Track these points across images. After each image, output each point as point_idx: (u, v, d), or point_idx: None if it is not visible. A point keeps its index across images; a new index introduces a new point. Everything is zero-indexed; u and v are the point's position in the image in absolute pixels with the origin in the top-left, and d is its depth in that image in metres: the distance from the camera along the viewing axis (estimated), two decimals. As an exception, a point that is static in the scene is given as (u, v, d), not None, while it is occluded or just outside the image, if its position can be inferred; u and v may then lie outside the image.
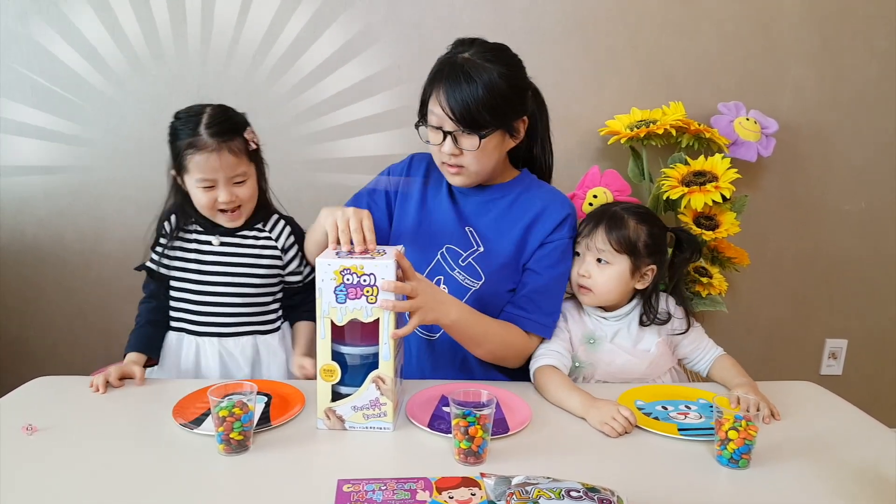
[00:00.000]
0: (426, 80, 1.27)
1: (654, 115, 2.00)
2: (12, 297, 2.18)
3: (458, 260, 1.34)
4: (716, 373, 1.36)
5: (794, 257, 2.32)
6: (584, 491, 0.78)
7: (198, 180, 1.31)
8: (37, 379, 1.28)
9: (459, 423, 0.97)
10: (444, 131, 1.23)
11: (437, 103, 1.22)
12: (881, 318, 2.39)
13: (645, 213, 1.36)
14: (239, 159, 1.32)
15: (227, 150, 1.29)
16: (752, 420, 0.99)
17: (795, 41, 2.13)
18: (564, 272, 1.35)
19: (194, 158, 1.29)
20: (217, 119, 1.31)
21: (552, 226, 1.33)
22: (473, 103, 1.18)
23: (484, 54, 1.23)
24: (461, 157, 1.25)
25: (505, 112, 1.24)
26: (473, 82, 1.19)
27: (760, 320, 2.37)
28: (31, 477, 0.93)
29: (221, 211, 1.36)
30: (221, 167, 1.29)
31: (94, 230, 2.15)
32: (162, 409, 1.13)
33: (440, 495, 0.81)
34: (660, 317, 1.34)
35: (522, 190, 1.37)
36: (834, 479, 0.96)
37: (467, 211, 1.37)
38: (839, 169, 2.25)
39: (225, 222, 1.38)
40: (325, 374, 1.08)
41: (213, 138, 1.28)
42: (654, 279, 1.35)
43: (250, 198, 1.37)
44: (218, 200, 1.32)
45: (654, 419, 1.14)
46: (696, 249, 1.42)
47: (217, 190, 1.32)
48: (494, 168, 1.33)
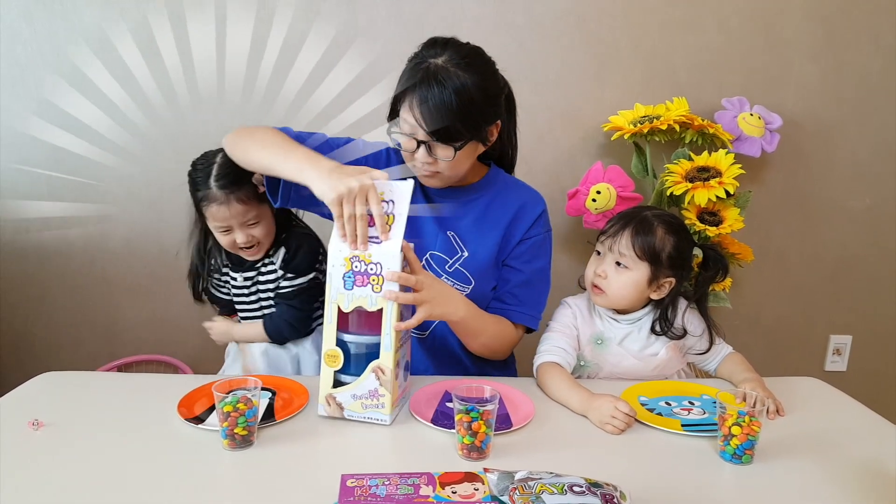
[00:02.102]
0: (398, 81, 1.22)
1: (658, 111, 1.99)
2: (17, 295, 2.19)
3: (445, 266, 1.34)
4: (723, 369, 1.35)
5: (798, 253, 2.31)
6: (586, 486, 0.78)
7: (215, 227, 1.44)
8: (42, 374, 1.29)
9: (463, 418, 0.97)
10: (418, 140, 1.20)
11: (411, 112, 1.17)
12: (886, 314, 2.38)
13: (676, 225, 1.32)
14: (248, 206, 1.41)
15: (235, 200, 1.39)
16: (756, 416, 0.99)
17: (799, 36, 2.12)
18: (544, 266, 1.37)
19: (209, 209, 1.41)
20: (225, 170, 1.39)
21: (529, 223, 1.34)
22: (448, 116, 1.14)
23: (458, 62, 1.16)
24: (435, 164, 1.23)
25: (479, 122, 1.21)
26: (448, 94, 1.14)
27: (764, 316, 2.37)
28: (38, 472, 0.94)
29: (241, 249, 1.47)
30: (232, 216, 1.40)
31: (98, 228, 2.15)
32: (166, 405, 1.13)
33: (443, 490, 0.81)
34: (674, 331, 1.31)
35: (498, 189, 1.37)
36: (837, 475, 0.96)
37: (445, 215, 1.36)
38: (843, 164, 2.24)
39: (247, 256, 1.50)
40: (329, 359, 1.09)
41: (221, 191, 1.38)
42: (671, 292, 1.31)
43: (266, 235, 1.47)
44: (236, 242, 1.44)
45: (658, 415, 1.14)
46: (723, 269, 1.37)
47: (234, 233, 1.43)
48: (467, 170, 1.32)
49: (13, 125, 2.06)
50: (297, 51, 2.05)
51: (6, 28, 1.99)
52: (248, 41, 2.04)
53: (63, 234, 2.15)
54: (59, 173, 2.11)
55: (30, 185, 2.11)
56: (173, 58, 2.03)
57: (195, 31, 2.02)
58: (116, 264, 2.18)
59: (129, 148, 2.10)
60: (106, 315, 2.22)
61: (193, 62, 2.04)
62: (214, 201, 1.39)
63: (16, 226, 2.14)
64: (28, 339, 2.23)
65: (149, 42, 2.02)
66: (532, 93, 2.12)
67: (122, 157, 2.10)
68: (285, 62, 2.05)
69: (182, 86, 2.05)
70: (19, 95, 2.04)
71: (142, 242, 2.16)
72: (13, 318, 2.21)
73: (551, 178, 2.16)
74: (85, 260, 2.17)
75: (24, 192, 2.11)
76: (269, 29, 2.03)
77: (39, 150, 2.08)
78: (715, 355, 1.37)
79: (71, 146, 2.09)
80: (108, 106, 2.06)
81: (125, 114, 2.07)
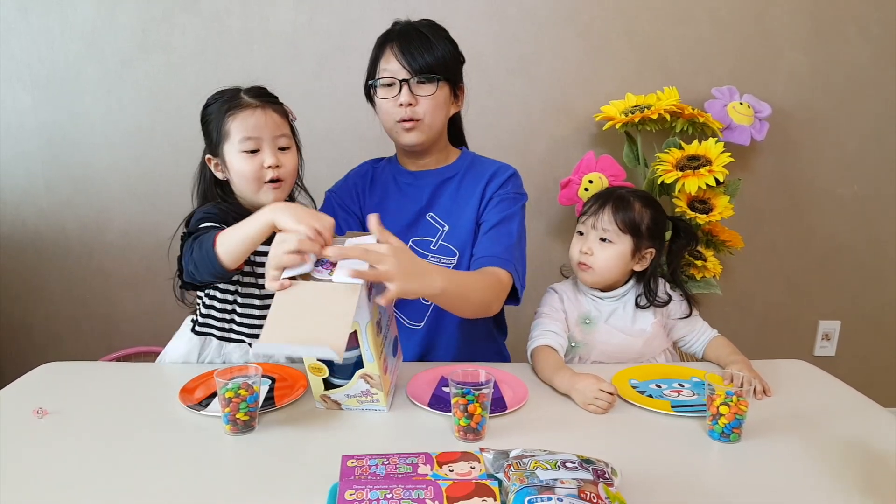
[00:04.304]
0: (373, 49, 1.36)
1: (649, 101, 2.02)
2: (15, 287, 2.20)
3: (430, 247, 1.40)
4: (710, 353, 1.39)
5: (787, 240, 2.35)
6: (579, 462, 0.81)
7: (241, 140, 1.22)
8: (44, 365, 1.31)
9: (459, 401, 1.00)
10: (400, 81, 1.30)
11: (391, 59, 1.30)
12: (874, 300, 2.43)
13: (649, 198, 1.40)
14: (283, 120, 1.26)
15: (270, 108, 1.24)
16: (743, 395, 1.02)
17: (789, 27, 2.15)
18: (513, 215, 1.37)
19: (236, 119, 1.22)
20: (255, 88, 1.28)
21: (499, 184, 1.40)
22: (428, 51, 1.29)
23: (429, 23, 1.36)
24: (416, 107, 1.31)
25: (453, 67, 1.35)
26: (425, 37, 1.31)
27: (754, 303, 2.40)
28: (43, 458, 0.96)
29: (266, 183, 1.24)
30: (266, 124, 1.23)
31: (95, 220, 2.17)
32: (168, 393, 1.16)
33: (441, 468, 0.84)
34: (659, 299, 1.38)
35: (470, 164, 1.45)
36: (823, 453, 0.99)
37: (424, 201, 1.42)
38: (832, 152, 2.27)
39: (268, 197, 1.25)
40: (314, 370, 1.08)
41: (256, 98, 1.24)
42: (653, 262, 1.38)
43: (292, 172, 1.28)
44: (263, 166, 1.22)
45: (649, 397, 1.17)
46: (693, 237, 1.48)
47: (262, 154, 1.23)
48: (441, 132, 1.40)
49: (10, 119, 2.07)
50: (292, 45, 2.06)
51: (2, 22, 2.00)
52: (242, 35, 2.05)
53: (61, 227, 2.17)
54: (56, 167, 2.12)
55: (27, 178, 2.12)
56: (169, 52, 2.05)
57: (190, 25, 2.03)
58: (114, 257, 2.20)
59: (126, 141, 2.11)
60: (104, 307, 2.24)
61: (189, 57, 2.05)
62: (247, 107, 1.22)
63: (13, 219, 2.15)
64: (27, 332, 2.24)
65: (144, 36, 2.03)
66: (525, 83, 2.15)
67: (119, 151, 2.11)
68: (280, 56, 2.07)
69: (178, 80, 2.06)
70: (16, 89, 2.05)
71: (139, 235, 2.18)
72: (12, 311, 2.23)
73: (544, 168, 2.19)
74: (83, 253, 2.19)
75: (21, 185, 2.12)
76: (263, 23, 2.04)
77: (37, 144, 2.09)
78: (699, 334, 1.41)
79: (68, 140, 2.10)
80: (105, 99, 2.07)
81: (122, 108, 2.08)
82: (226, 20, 2.03)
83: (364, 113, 1.46)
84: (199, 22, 2.03)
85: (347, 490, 0.78)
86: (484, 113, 2.14)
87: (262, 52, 2.06)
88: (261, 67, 2.05)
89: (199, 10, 2.02)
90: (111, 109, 2.07)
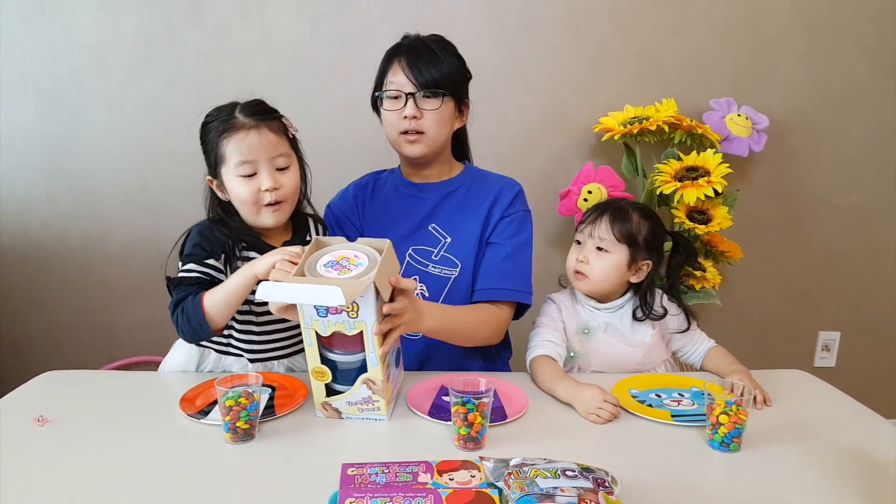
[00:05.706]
0: (381, 61, 1.38)
1: (647, 112, 2.03)
2: (16, 297, 2.21)
3: (431, 256, 1.41)
4: (709, 363, 1.39)
5: (786, 250, 2.35)
6: (579, 471, 0.81)
7: (237, 165, 1.19)
8: (45, 373, 1.31)
9: (459, 410, 1.00)
10: (406, 94, 1.32)
11: (399, 72, 1.33)
12: (874, 310, 2.42)
13: (648, 211, 1.41)
14: (280, 139, 1.21)
15: (265, 127, 1.19)
16: (743, 405, 1.02)
17: (785, 39, 2.17)
18: (526, 241, 1.43)
19: (231, 141, 1.18)
20: (251, 104, 1.23)
21: (508, 202, 1.42)
22: (434, 66, 1.32)
23: (437, 39, 1.38)
24: (421, 120, 1.33)
25: (459, 83, 1.38)
26: (433, 52, 1.33)
27: (754, 313, 2.40)
28: (44, 466, 0.96)
29: (265, 206, 1.22)
30: (262, 145, 1.18)
31: (96, 231, 2.17)
32: (168, 402, 1.16)
33: (441, 477, 0.84)
34: (655, 312, 1.37)
35: (474, 179, 1.47)
36: (823, 463, 0.99)
37: (426, 211, 1.44)
38: (830, 163, 2.28)
39: (269, 220, 1.23)
40: (317, 374, 1.09)
41: (250, 118, 1.19)
42: (649, 275, 1.38)
43: (293, 191, 1.24)
44: (261, 189, 1.19)
45: (649, 406, 1.17)
46: (692, 253, 1.51)
47: (259, 177, 1.19)
48: (445, 145, 1.41)
49: (13, 130, 2.08)
50: (293, 54, 2.08)
51: (5, 34, 2.01)
52: (244, 47, 2.07)
53: (62, 238, 2.17)
54: (58, 178, 2.13)
55: (29, 189, 2.13)
56: (171, 64, 2.06)
57: (193, 37, 2.05)
58: (115, 268, 2.20)
59: (128, 153, 2.12)
60: (105, 318, 2.24)
61: (191, 69, 2.07)
62: (241, 129, 1.18)
63: (15, 229, 2.15)
64: (27, 342, 2.24)
65: (146, 48, 2.05)
66: (524, 94, 2.16)
67: (121, 163, 2.12)
68: (282, 68, 2.08)
69: (181, 92, 2.08)
70: (19, 100, 2.06)
71: (140, 246, 2.18)
72: (13, 321, 2.23)
73: (543, 179, 2.20)
74: (84, 263, 2.19)
75: (23, 196, 2.13)
76: (265, 35, 2.06)
77: (39, 155, 2.10)
78: (698, 345, 1.41)
79: (70, 151, 2.11)
80: (107, 111, 2.08)
81: (124, 119, 2.09)
82: (228, 32, 2.05)
83: (366, 124, 1.48)
84: (201, 34, 2.04)
85: (347, 498, 0.78)
86: (483, 123, 2.13)
87: (263, 64, 2.08)
88: (262, 79, 2.07)
89: (201, 23, 2.04)
90: (113, 121, 2.09)
